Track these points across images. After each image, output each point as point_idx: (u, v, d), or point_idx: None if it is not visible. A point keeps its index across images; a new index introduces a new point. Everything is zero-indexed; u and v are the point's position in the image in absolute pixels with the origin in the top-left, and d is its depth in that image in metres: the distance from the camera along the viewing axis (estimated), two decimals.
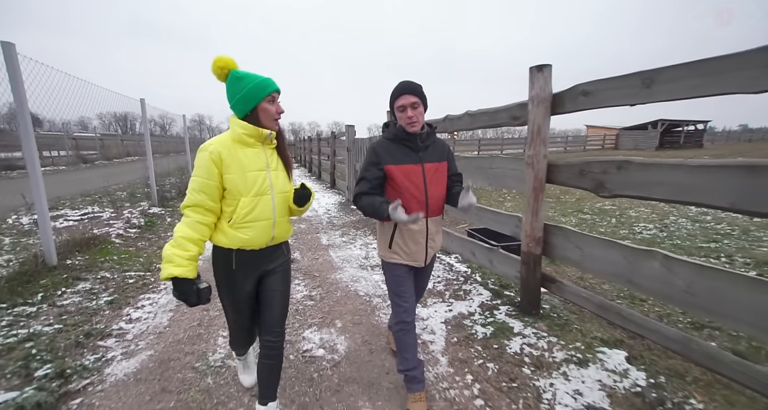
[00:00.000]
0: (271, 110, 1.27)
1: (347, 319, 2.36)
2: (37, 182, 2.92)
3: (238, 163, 1.22)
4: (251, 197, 1.24)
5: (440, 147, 1.57)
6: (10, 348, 1.89)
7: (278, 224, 1.33)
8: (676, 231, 4.48)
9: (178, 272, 1.12)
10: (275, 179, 1.32)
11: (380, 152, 1.48)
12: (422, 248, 1.53)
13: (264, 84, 1.24)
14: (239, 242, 1.25)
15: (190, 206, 1.21)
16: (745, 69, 1.24)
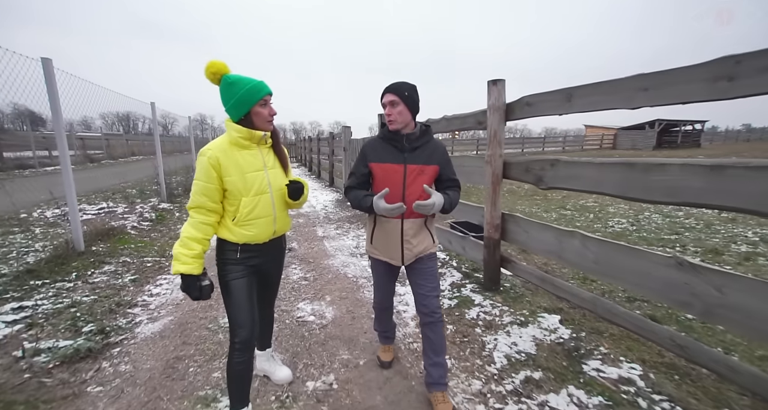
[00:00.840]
0: (264, 113, 1.33)
1: (335, 295, 2.80)
2: (69, 179, 3.37)
3: (236, 165, 1.29)
4: (252, 196, 1.32)
5: (432, 150, 1.55)
6: (59, 312, 2.34)
7: (278, 218, 1.43)
8: (646, 225, 4.88)
9: (184, 269, 1.24)
10: (273, 177, 1.40)
11: (367, 150, 1.56)
12: (397, 247, 1.54)
13: (256, 88, 1.29)
14: (245, 238, 1.35)
15: (193, 207, 1.30)
16: (625, 91, 1.66)
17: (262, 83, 1.32)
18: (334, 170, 9.49)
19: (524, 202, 6.90)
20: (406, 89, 1.48)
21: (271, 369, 1.75)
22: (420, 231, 1.58)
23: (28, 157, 12.16)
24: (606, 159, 1.80)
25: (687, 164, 1.44)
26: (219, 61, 1.29)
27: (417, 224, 1.56)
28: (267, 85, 1.33)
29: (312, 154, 13.52)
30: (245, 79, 1.29)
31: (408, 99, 1.47)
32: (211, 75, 1.29)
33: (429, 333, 1.58)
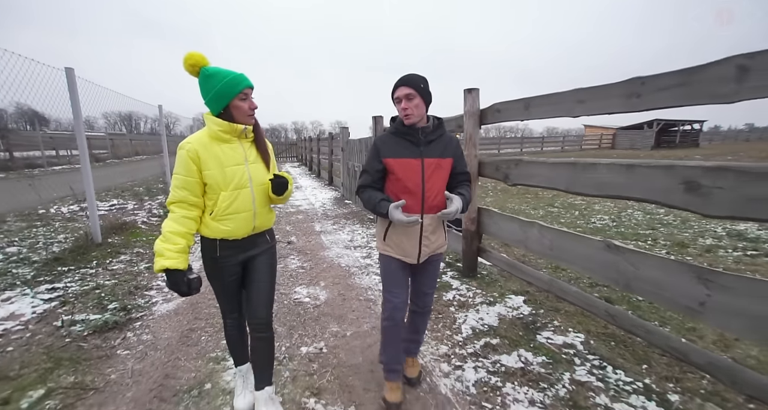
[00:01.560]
0: (244, 107, 1.29)
1: (329, 281, 3.13)
2: (88, 178, 3.72)
3: (216, 159, 1.27)
4: (230, 190, 1.29)
5: (447, 143, 1.54)
6: (86, 293, 2.69)
7: (259, 214, 1.39)
8: (626, 221, 5.19)
9: (168, 264, 1.20)
10: (254, 171, 1.37)
11: (380, 146, 1.50)
12: (415, 245, 1.51)
13: (235, 81, 1.25)
14: (221, 233, 1.32)
15: (174, 202, 1.27)
16: (566, 102, 1.99)
17: (242, 76, 1.29)
18: (333, 169, 9.83)
19: (515, 200, 7.21)
20: (420, 81, 1.44)
21: None
22: (438, 227, 1.56)
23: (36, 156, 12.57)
24: (556, 159, 2.13)
25: (612, 164, 1.76)
26: (197, 52, 1.26)
27: (436, 220, 1.53)
28: (247, 78, 1.30)
29: (312, 154, 13.87)
30: (224, 71, 1.26)
31: (423, 91, 1.44)
32: (189, 67, 1.26)
33: (417, 320, 1.72)
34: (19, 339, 2.06)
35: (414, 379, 1.73)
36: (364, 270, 3.35)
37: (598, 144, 24.92)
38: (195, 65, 1.26)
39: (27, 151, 13.37)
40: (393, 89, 1.48)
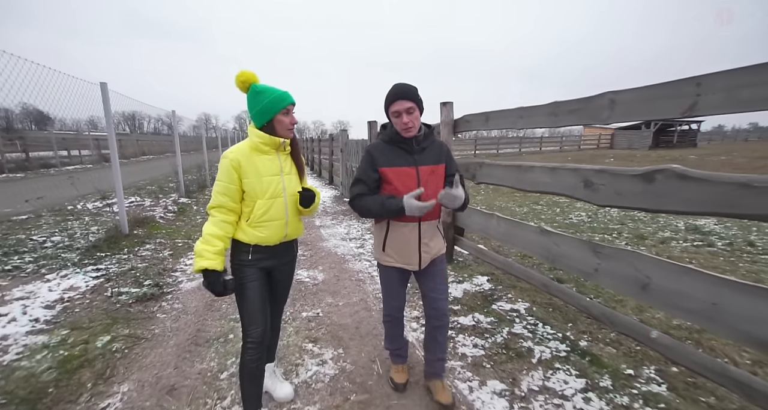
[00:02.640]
0: (286, 121, 1.42)
1: (326, 266, 3.69)
2: (118, 176, 4.30)
3: (255, 169, 1.37)
4: (266, 199, 1.39)
5: (438, 148, 1.57)
6: (124, 273, 3.26)
7: (290, 223, 1.48)
8: (601, 218, 5.70)
9: (207, 264, 1.27)
10: (288, 182, 1.47)
11: (375, 154, 1.52)
12: (415, 251, 1.53)
13: (280, 98, 1.38)
14: (256, 239, 1.40)
15: (215, 207, 1.37)
16: (512, 118, 2.53)
17: (286, 93, 1.41)
18: (333, 169, 10.39)
19: (504, 198, 7.74)
20: (417, 93, 1.47)
21: (273, 386, 1.72)
22: (435, 233, 1.59)
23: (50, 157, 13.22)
24: (508, 162, 2.67)
25: (542, 167, 2.30)
26: (248, 71, 1.39)
27: (432, 225, 1.56)
28: (291, 96, 1.43)
29: (314, 154, 14.45)
30: (271, 88, 1.39)
31: (420, 103, 1.48)
32: (240, 83, 1.39)
33: (437, 336, 1.63)
34: (81, 303, 2.64)
35: (450, 405, 1.59)
36: (357, 258, 3.90)
37: (596, 144, 25.33)
38: (246, 82, 1.39)
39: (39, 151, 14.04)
40: (389, 102, 1.46)
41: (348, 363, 2.01)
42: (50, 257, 3.44)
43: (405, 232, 1.53)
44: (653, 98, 1.61)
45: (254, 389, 1.47)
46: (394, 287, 1.66)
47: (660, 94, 1.58)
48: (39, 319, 2.32)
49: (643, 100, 1.66)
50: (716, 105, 1.40)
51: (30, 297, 2.60)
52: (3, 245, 3.72)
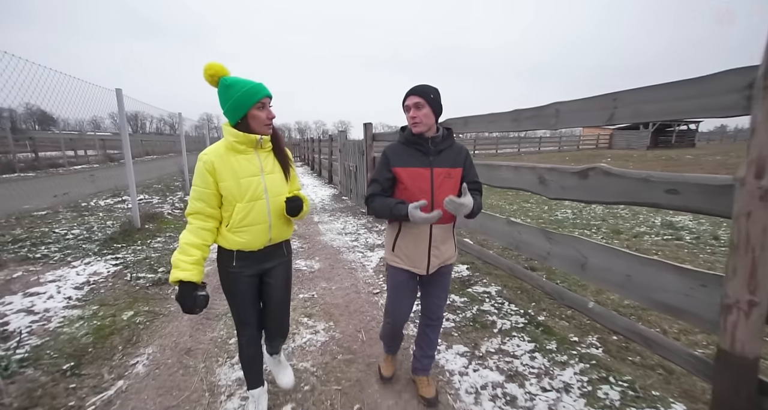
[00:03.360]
0: (262, 116, 1.30)
1: (322, 256, 4.06)
2: (131, 174, 4.68)
3: (231, 170, 1.29)
4: (245, 202, 1.31)
5: (456, 152, 1.56)
6: (140, 261, 3.64)
7: (275, 226, 1.39)
8: (585, 214, 6.04)
9: (182, 276, 1.21)
10: (270, 182, 1.38)
11: (390, 155, 1.53)
12: (424, 254, 1.52)
13: (253, 91, 1.26)
14: (237, 245, 1.33)
15: (191, 213, 1.30)
16: (483, 122, 2.89)
17: (260, 85, 1.30)
18: (333, 168, 10.76)
19: (496, 196, 8.08)
20: (431, 92, 1.48)
21: (277, 373, 1.75)
22: (448, 238, 1.57)
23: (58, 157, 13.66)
24: (480, 162, 3.02)
25: (507, 166, 2.66)
26: (217, 62, 1.29)
27: (445, 229, 1.55)
28: (266, 88, 1.32)
29: (314, 154, 14.84)
30: (243, 81, 1.28)
31: (433, 101, 1.47)
32: (209, 77, 1.29)
33: (429, 333, 1.71)
34: (105, 285, 3.01)
35: (433, 399, 1.67)
36: (351, 250, 4.27)
37: (595, 144, 25.61)
38: (214, 75, 1.29)
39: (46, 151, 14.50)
40: (404, 98, 1.52)
41: (337, 332, 2.38)
42: (73, 247, 3.83)
43: (416, 234, 1.51)
44: (585, 109, 1.97)
45: (254, 368, 1.53)
46: (402, 291, 1.61)
47: (590, 106, 1.94)
48: (72, 297, 2.70)
49: (578, 110, 2.02)
50: (627, 116, 1.76)
51: (61, 280, 2.97)
52: (30, 237, 4.11)
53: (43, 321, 2.34)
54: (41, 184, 8.38)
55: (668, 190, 1.57)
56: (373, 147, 5.95)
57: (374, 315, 2.62)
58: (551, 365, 1.97)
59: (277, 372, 1.76)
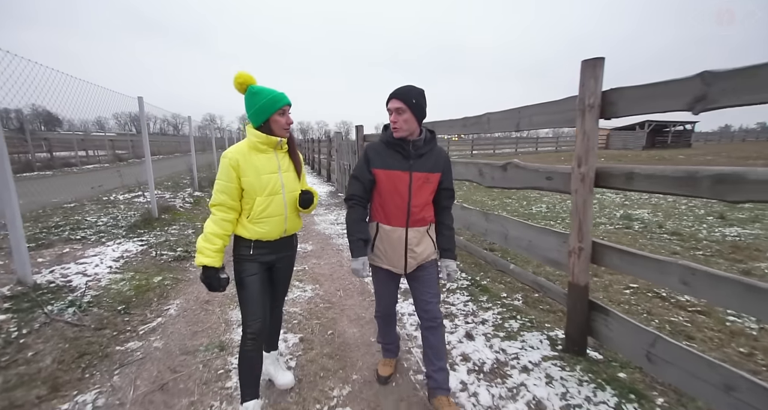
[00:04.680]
0: (282, 121, 1.50)
1: (315, 241, 4.77)
2: (150, 171, 5.43)
3: (253, 167, 1.46)
4: (265, 196, 1.48)
5: (437, 157, 1.58)
6: (160, 243, 4.37)
7: (289, 218, 1.56)
8: (557, 208, 6.70)
9: (207, 262, 1.41)
10: (286, 179, 1.55)
11: (371, 155, 1.57)
12: (401, 256, 1.58)
13: (276, 99, 1.46)
14: (257, 235, 1.49)
15: (215, 205, 1.46)
16: (444, 127, 3.59)
17: (282, 94, 1.49)
18: (331, 167, 11.49)
19: (481, 193, 8.75)
20: (413, 96, 1.47)
21: (275, 374, 1.83)
22: (423, 239, 1.61)
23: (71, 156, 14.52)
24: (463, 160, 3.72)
25: (461, 162, 3.35)
26: (246, 73, 1.47)
27: (420, 232, 1.59)
28: (287, 97, 1.50)
29: (314, 154, 15.60)
30: (268, 90, 1.47)
31: (415, 106, 1.47)
32: (238, 85, 1.47)
33: (430, 337, 1.62)
34: (136, 259, 3.74)
35: None
36: (340, 236, 4.97)
37: None
38: (243, 83, 1.47)
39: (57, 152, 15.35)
40: (387, 100, 1.53)
41: (321, 291, 3.09)
42: (104, 231, 4.57)
43: (392, 236, 1.56)
44: (504, 118, 2.67)
45: (252, 376, 1.54)
46: (385, 285, 1.71)
47: (506, 116, 2.64)
48: (112, 266, 3.43)
49: (501, 119, 2.71)
50: (526, 125, 2.45)
51: (100, 255, 3.71)
52: (68, 223, 4.87)
53: (95, 281, 3.07)
54: (60, 181, 9.19)
55: (547, 177, 2.26)
56: (363, 147, 6.67)
57: (352, 281, 3.33)
58: (478, 309, 2.66)
59: (275, 371, 1.84)
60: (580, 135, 1.92)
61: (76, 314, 2.47)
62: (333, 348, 2.21)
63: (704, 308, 2.58)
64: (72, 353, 2.07)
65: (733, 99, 1.33)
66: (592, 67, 1.82)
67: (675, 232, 4.70)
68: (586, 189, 1.93)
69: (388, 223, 1.56)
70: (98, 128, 33.92)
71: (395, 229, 1.55)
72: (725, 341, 2.20)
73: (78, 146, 15.42)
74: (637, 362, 1.80)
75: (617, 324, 1.86)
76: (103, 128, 37.36)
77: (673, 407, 1.65)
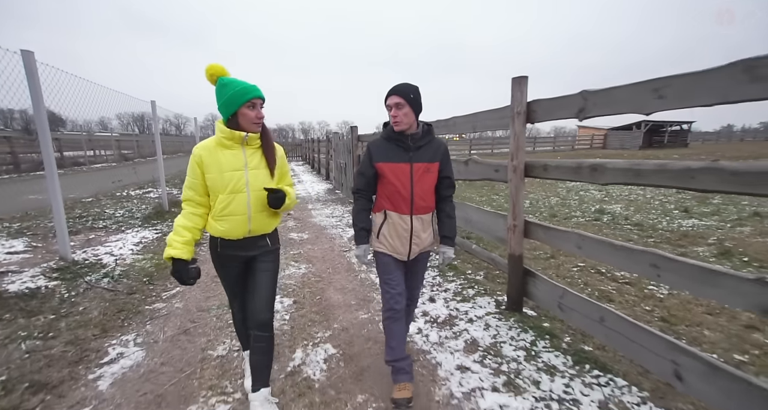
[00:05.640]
0: (251, 115, 1.45)
1: (311, 230, 5.33)
2: (161, 169, 6.01)
3: (217, 164, 1.45)
4: (226, 194, 1.46)
5: (435, 147, 1.69)
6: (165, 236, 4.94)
7: (254, 218, 1.51)
8: (539, 204, 7.22)
9: (174, 253, 1.42)
10: (253, 177, 1.50)
11: (373, 151, 1.67)
12: (406, 243, 1.68)
13: (245, 91, 1.42)
14: (218, 232, 1.52)
15: (185, 200, 1.51)
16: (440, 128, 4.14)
17: (254, 86, 1.45)
18: (329, 166, 12.06)
19: (471, 190, 9.29)
20: (411, 91, 1.58)
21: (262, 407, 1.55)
22: (428, 226, 1.72)
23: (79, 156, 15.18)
24: None
25: None
26: (218, 64, 1.46)
27: (425, 220, 1.69)
28: (258, 90, 1.46)
29: (314, 153, 16.19)
30: (237, 81, 1.44)
31: (413, 101, 1.58)
32: (209, 76, 1.47)
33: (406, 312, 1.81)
34: (153, 244, 4.31)
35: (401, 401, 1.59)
36: (334, 227, 5.53)
37: (590, 144, 26.61)
38: (214, 74, 1.45)
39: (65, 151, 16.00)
40: (385, 97, 1.62)
41: (313, 269, 3.64)
42: (122, 222, 5.15)
43: (399, 224, 1.66)
44: (465, 122, 3.21)
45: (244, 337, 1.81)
46: (390, 271, 1.72)
47: (464, 120, 3.18)
48: (133, 249, 4.00)
49: (463, 122, 3.25)
50: (480, 128, 2.99)
51: (121, 240, 4.28)
52: (89, 215, 5.46)
53: (121, 259, 3.63)
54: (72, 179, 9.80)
55: (495, 170, 2.80)
56: (358, 146, 7.23)
57: (341, 262, 3.87)
58: (444, 281, 3.21)
59: None
60: (512, 136, 2.46)
61: (110, 282, 3.04)
62: (320, 308, 2.75)
63: (632, 280, 3.10)
64: (112, 309, 2.63)
65: (601, 110, 1.87)
66: (518, 83, 2.36)
67: (638, 223, 5.21)
68: (518, 178, 2.47)
69: (395, 210, 1.67)
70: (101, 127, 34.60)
71: (401, 216, 1.66)
72: (637, 302, 2.73)
73: (86, 146, 16.06)
74: (553, 311, 2.34)
75: (541, 284, 2.40)
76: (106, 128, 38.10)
77: (575, 343, 2.18)
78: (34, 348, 2.08)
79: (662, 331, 1.77)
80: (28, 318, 2.38)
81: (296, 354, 2.14)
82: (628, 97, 1.70)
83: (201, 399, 1.75)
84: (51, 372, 1.89)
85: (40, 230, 4.40)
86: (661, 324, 2.39)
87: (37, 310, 2.49)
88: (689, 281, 1.50)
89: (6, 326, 2.28)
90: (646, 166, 1.63)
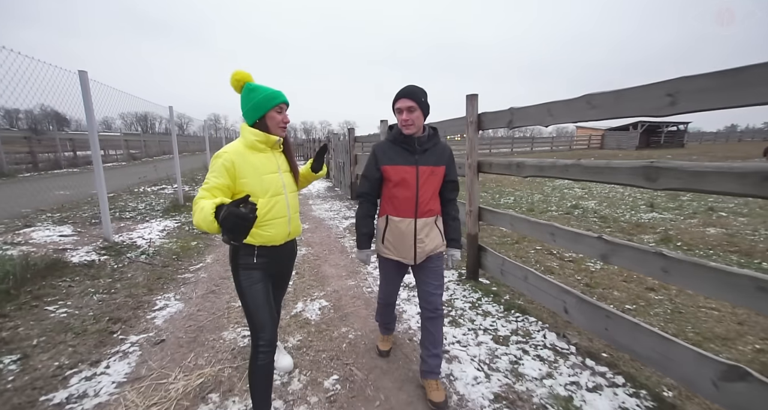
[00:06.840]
0: (278, 119, 1.50)
1: (311, 222, 6.05)
2: (177, 167, 6.76)
3: (252, 167, 1.43)
4: (269, 197, 1.46)
5: (441, 151, 1.72)
6: (189, 222, 5.68)
7: (292, 219, 1.57)
8: (523, 200, 7.89)
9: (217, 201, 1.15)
10: (287, 179, 1.57)
11: (379, 154, 1.70)
12: (410, 247, 1.69)
13: (273, 95, 1.48)
14: (262, 239, 1.46)
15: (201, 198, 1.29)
16: None
17: (280, 92, 1.51)
18: (329, 166, 12.80)
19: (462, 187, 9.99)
20: (422, 94, 1.61)
21: (276, 357, 1.70)
22: (432, 230, 1.72)
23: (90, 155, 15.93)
24: None
25: None
26: (244, 71, 1.50)
27: (429, 223, 1.71)
28: (284, 95, 1.52)
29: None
30: (265, 87, 1.49)
31: (423, 104, 1.61)
32: (235, 82, 1.50)
33: (430, 327, 1.75)
34: (175, 231, 5.05)
35: (442, 404, 1.68)
36: (331, 219, 6.25)
37: (587, 144, 27.19)
38: (240, 81, 1.50)
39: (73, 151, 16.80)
40: (395, 100, 1.64)
41: (312, 251, 4.36)
42: (145, 213, 5.91)
43: (402, 227, 1.68)
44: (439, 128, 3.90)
45: (265, 390, 1.52)
46: (390, 277, 1.85)
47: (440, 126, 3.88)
48: (159, 234, 4.74)
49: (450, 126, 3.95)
50: (449, 133, 3.69)
51: (148, 228, 5.02)
52: (116, 207, 6.24)
53: (152, 242, 4.38)
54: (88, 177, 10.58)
55: (458, 167, 3.50)
56: (355, 147, 7.96)
57: (336, 245, 4.59)
58: None
59: (276, 355, 1.76)
60: (467, 139, 3.16)
61: (147, 258, 3.78)
62: (317, 278, 3.47)
63: (576, 258, 3.79)
64: (153, 276, 3.36)
65: (521, 122, 2.57)
66: (471, 99, 3.07)
67: (603, 216, 5.89)
68: (472, 173, 3.18)
69: (398, 215, 1.68)
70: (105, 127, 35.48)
71: (404, 220, 1.67)
72: (572, 274, 3.42)
73: None
74: (497, 277, 3.04)
75: (490, 256, 3.10)
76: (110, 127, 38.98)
77: (511, 299, 2.88)
78: (103, 299, 2.82)
79: (583, 293, 2.47)
80: (92, 280, 3.13)
81: (298, 305, 2.86)
82: (534, 113, 2.41)
83: (230, 328, 2.48)
84: (120, 313, 2.63)
85: (78, 219, 5.16)
86: (584, 288, 3.09)
87: (97, 275, 3.24)
88: (565, 241, 2.21)
89: (78, 284, 3.03)
90: (545, 163, 2.35)
